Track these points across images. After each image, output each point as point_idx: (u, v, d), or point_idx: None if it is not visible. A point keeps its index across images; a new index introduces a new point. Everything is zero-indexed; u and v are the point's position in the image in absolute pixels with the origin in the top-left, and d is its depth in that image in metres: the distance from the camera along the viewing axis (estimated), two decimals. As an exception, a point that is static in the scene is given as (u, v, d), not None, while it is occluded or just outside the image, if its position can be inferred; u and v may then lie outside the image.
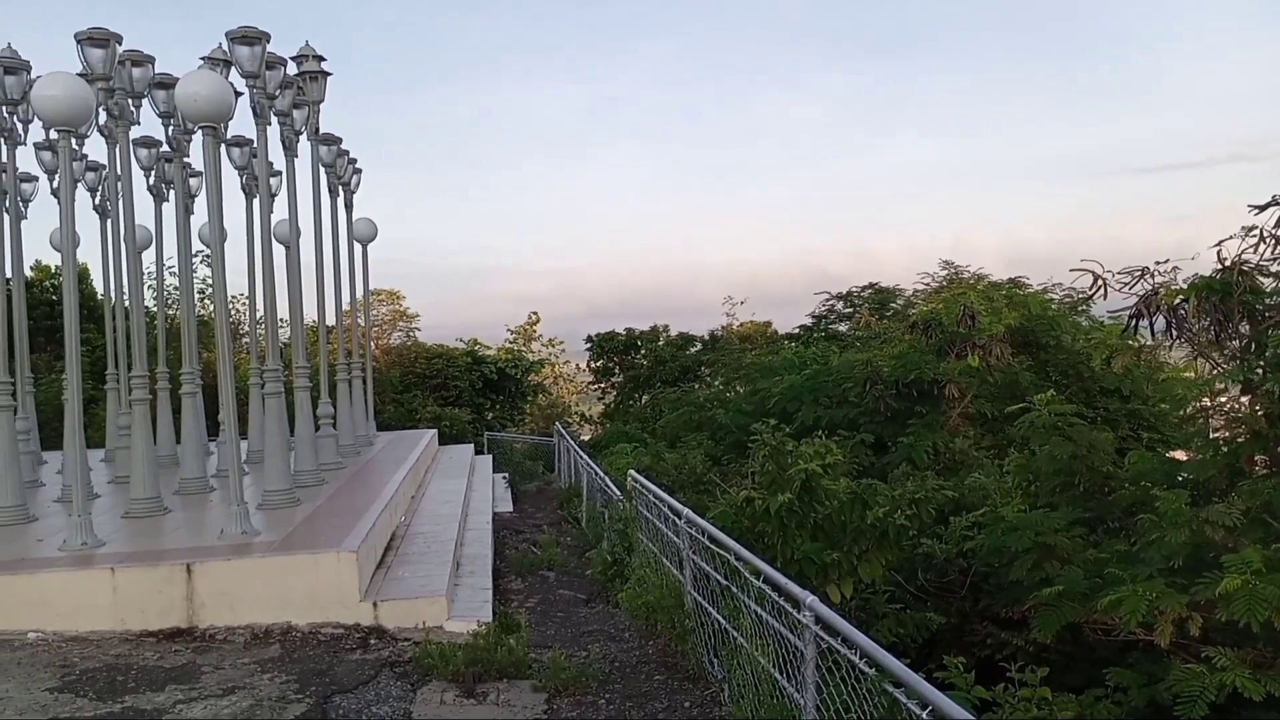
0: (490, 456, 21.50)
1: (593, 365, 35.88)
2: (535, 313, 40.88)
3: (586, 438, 28.23)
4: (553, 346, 41.43)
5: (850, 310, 29.05)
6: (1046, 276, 20.86)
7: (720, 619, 6.45)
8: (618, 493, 11.38)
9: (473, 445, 22.14)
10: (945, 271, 23.05)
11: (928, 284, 23.80)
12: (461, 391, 30.42)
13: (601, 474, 13.02)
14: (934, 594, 9.01)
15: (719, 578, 6.50)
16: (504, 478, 18.86)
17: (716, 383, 24.72)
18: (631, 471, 10.21)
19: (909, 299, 26.66)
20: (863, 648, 4.50)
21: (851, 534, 7.55)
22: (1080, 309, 19.08)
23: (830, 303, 29.89)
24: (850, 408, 15.69)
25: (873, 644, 4.45)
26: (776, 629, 5.56)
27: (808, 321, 30.35)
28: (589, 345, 35.50)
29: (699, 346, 33.81)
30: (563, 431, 21.90)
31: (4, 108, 10.68)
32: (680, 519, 7.39)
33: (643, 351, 34.42)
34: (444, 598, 7.68)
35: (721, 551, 6.49)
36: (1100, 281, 8.87)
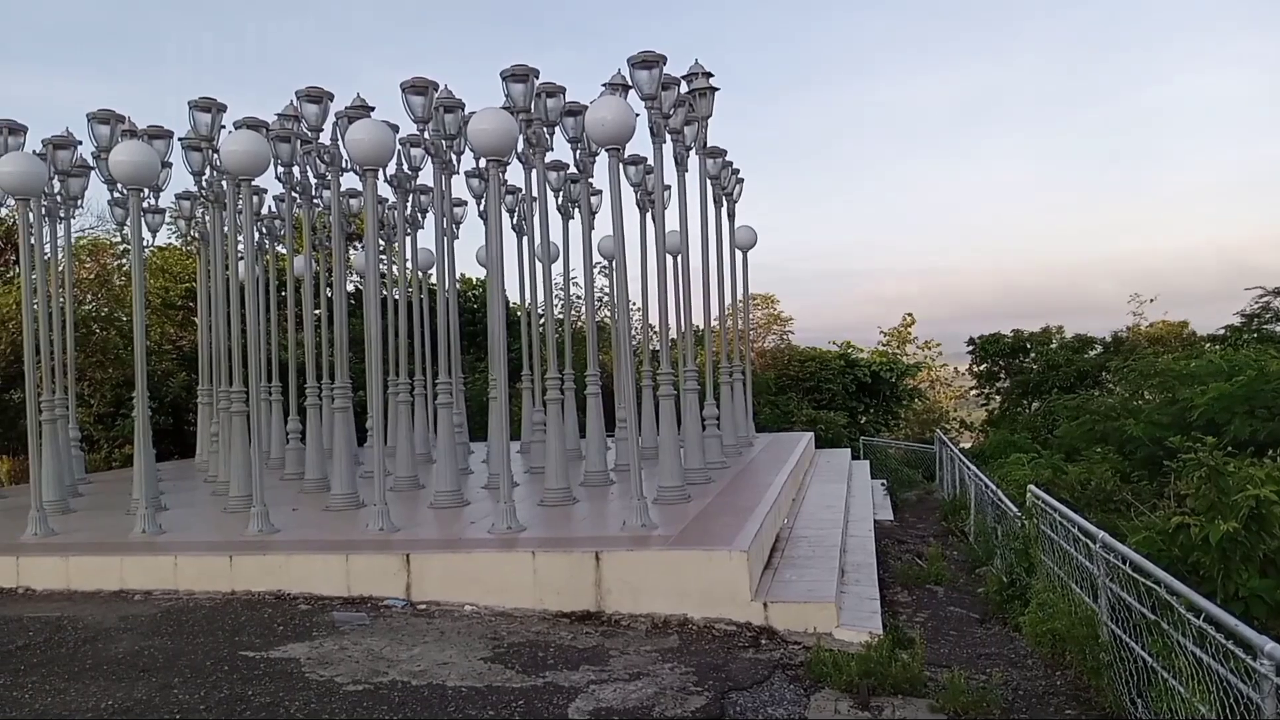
0: (867, 462, 21.16)
1: (975, 369, 34.08)
2: (910, 314, 39.73)
3: (966, 445, 26.87)
4: (929, 349, 39.98)
5: (1292, 308, 25.14)
6: None
7: (1145, 656, 5.77)
8: (1013, 508, 10.66)
9: (849, 450, 21.93)
10: None
11: (1399, 276, 19.96)
12: (835, 395, 30.28)
13: (993, 487, 12.27)
14: None
15: (1144, 610, 5.82)
16: (882, 484, 18.49)
17: (1120, 389, 22.38)
18: (1031, 487, 9.50)
19: (1371, 294, 22.61)
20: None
21: (1313, 572, 6.43)
22: None
23: (1264, 299, 26.15)
24: (1295, 421, 13.47)
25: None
26: (1221, 674, 4.86)
27: (1235, 321, 26.76)
28: (970, 348, 33.76)
29: (1098, 349, 30.91)
30: (945, 440, 21.04)
31: (443, 142, 12.24)
32: (1095, 543, 6.73)
33: (1032, 355, 32.11)
34: (833, 604, 7.62)
35: (1148, 582, 5.80)
36: None
